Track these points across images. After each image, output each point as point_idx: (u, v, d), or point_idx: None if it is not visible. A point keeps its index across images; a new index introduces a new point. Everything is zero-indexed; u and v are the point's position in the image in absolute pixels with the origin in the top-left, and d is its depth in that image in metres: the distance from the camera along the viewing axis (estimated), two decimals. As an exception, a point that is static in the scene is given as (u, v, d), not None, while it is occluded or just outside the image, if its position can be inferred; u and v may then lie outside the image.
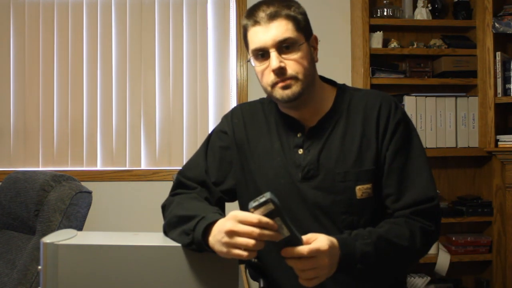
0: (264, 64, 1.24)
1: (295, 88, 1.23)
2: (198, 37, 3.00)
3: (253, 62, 1.27)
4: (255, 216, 0.96)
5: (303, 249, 0.98)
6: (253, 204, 0.95)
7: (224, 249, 1.02)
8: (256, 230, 0.97)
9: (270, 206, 0.94)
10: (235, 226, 0.99)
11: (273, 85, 1.24)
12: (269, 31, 1.21)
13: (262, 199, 0.94)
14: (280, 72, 1.21)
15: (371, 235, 1.14)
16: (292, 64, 1.22)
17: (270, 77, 1.23)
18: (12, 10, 2.93)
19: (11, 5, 2.93)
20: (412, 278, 2.70)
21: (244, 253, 1.00)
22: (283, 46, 1.22)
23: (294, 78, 1.22)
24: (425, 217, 1.23)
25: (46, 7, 2.94)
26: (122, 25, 2.98)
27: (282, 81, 1.22)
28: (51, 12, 2.95)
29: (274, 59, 1.21)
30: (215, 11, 3.01)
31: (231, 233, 0.99)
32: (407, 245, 1.17)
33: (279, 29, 1.21)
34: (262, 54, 1.24)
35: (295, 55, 1.22)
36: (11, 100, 2.93)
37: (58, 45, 2.95)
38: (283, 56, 1.22)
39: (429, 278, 2.72)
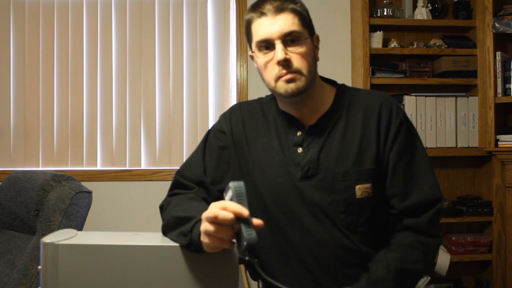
0: (269, 56, 1.23)
1: (300, 82, 1.23)
2: (198, 36, 3.00)
3: (257, 54, 1.26)
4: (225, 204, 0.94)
5: None
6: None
7: (206, 240, 0.98)
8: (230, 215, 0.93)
9: (230, 193, 0.95)
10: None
11: (277, 79, 1.23)
12: (276, 23, 1.21)
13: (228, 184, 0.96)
14: (286, 64, 1.21)
15: (389, 271, 1.18)
16: (297, 58, 1.22)
17: (274, 70, 1.23)
18: (12, 10, 2.93)
19: (11, 5, 2.93)
20: (412, 278, 2.70)
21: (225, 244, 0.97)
22: (289, 39, 1.22)
23: (299, 72, 1.22)
24: (432, 226, 1.25)
25: (46, 7, 2.94)
26: (122, 25, 2.98)
27: (287, 74, 1.22)
28: (51, 12, 2.95)
29: (280, 51, 1.21)
30: (215, 11, 3.01)
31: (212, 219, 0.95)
32: (422, 268, 1.22)
33: (285, 21, 1.21)
34: (266, 46, 1.23)
35: (300, 49, 1.22)
36: (11, 100, 2.93)
37: (58, 45, 2.95)
38: (288, 49, 1.22)
39: (429, 278, 2.71)
